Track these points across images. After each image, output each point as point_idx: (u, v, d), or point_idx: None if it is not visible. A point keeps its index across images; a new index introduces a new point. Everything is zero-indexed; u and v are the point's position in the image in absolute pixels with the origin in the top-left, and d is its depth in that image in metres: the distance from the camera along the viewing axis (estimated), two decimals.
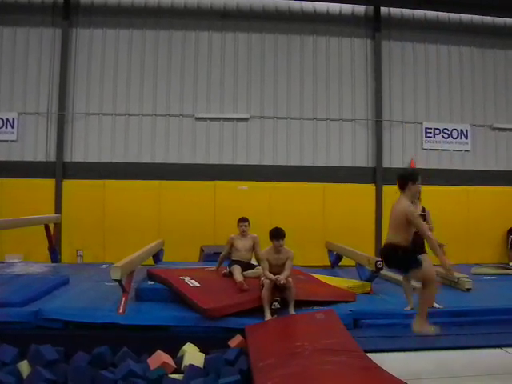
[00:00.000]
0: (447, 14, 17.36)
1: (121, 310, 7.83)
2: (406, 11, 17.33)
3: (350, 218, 15.82)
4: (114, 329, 7.59)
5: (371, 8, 17.13)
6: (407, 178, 6.79)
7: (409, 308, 8.29)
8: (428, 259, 8.33)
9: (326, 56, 17.06)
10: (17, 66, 16.45)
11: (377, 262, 9.23)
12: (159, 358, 6.87)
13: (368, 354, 6.11)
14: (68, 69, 16.39)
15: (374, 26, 17.05)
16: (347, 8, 17.18)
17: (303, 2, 16.98)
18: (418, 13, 17.34)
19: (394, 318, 8.04)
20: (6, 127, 16.20)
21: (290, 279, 8.01)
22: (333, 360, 5.88)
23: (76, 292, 9.34)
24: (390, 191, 15.55)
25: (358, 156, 16.93)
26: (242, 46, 16.90)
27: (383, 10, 17.14)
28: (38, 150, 16.23)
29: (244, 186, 15.94)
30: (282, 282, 7.90)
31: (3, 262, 13.78)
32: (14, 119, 16.22)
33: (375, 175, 16.69)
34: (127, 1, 16.80)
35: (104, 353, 6.99)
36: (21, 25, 16.51)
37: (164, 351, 7.01)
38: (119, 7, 16.81)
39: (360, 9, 17.24)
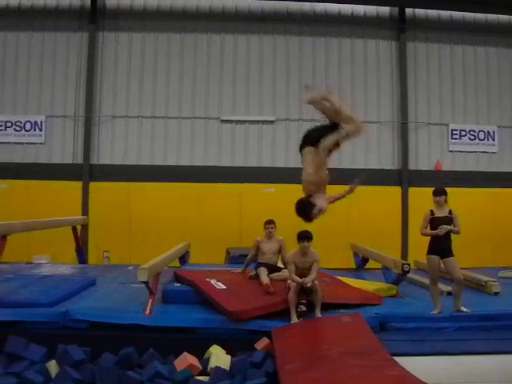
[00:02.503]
0: (473, 14, 17.17)
1: (147, 312, 7.87)
2: (431, 12, 17.17)
3: (376, 220, 15.69)
4: (141, 330, 7.64)
5: (396, 9, 17.00)
6: None
7: (436, 312, 8.23)
8: (455, 262, 8.29)
9: (351, 58, 16.98)
10: (45, 69, 16.63)
11: (403, 264, 9.18)
12: (185, 360, 6.89)
13: (394, 358, 6.07)
14: (95, 72, 16.53)
15: (399, 28, 16.91)
16: (372, 9, 17.08)
17: (328, 4, 16.95)
18: (444, 13, 17.16)
19: (420, 321, 7.99)
20: (35, 130, 16.39)
21: (316, 282, 7.99)
22: (359, 363, 5.87)
23: (103, 293, 9.42)
24: (416, 193, 15.63)
25: (384, 158, 16.81)
26: (266, 48, 16.89)
27: (408, 10, 17.00)
28: (66, 152, 16.39)
29: (270, 188, 15.93)
30: (308, 285, 7.89)
31: (31, 263, 13.93)
32: (41, 122, 16.40)
33: (401, 177, 16.56)
34: (152, 4, 16.90)
35: (131, 354, 7.04)
36: (48, 30, 16.69)
37: (190, 353, 7.03)
38: (145, 11, 16.92)
39: (385, 10, 17.13)
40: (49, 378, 6.53)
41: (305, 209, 6.79)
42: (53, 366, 6.69)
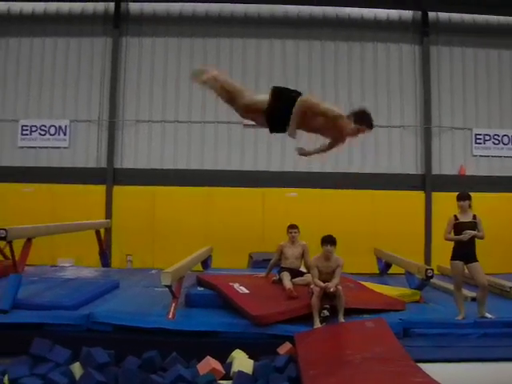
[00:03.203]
0: (496, 17, 17.05)
1: (170, 315, 7.89)
2: (455, 15, 17.09)
3: (399, 225, 15.62)
4: (164, 334, 7.66)
5: (419, 13, 16.95)
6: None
7: (460, 317, 8.17)
8: (480, 267, 8.22)
9: (374, 62, 16.94)
10: (69, 74, 16.82)
11: (427, 270, 9.12)
12: (208, 364, 6.90)
13: (418, 364, 6.03)
14: (118, 77, 16.68)
15: (422, 31, 16.84)
16: (394, 14, 17.05)
17: (351, 8, 16.94)
18: (467, 17, 17.07)
19: (444, 327, 7.92)
20: (59, 134, 16.56)
21: (339, 287, 7.97)
22: (383, 369, 5.84)
23: (126, 296, 9.46)
24: (439, 198, 15.53)
25: (407, 163, 16.73)
26: (289, 52, 16.91)
27: (431, 14, 16.94)
28: (89, 156, 16.54)
29: (293, 192, 15.92)
30: (331, 290, 7.86)
31: (55, 266, 14.05)
32: (66, 126, 16.57)
33: (424, 182, 16.47)
34: (175, 9, 17.01)
35: (154, 357, 7.06)
36: (73, 35, 16.88)
37: (213, 357, 7.04)
38: (168, 16, 17.03)
39: (407, 14, 17.08)
40: (73, 379, 6.58)
41: None
42: (77, 368, 6.74)
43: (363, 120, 6.30)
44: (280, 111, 6.20)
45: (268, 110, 6.23)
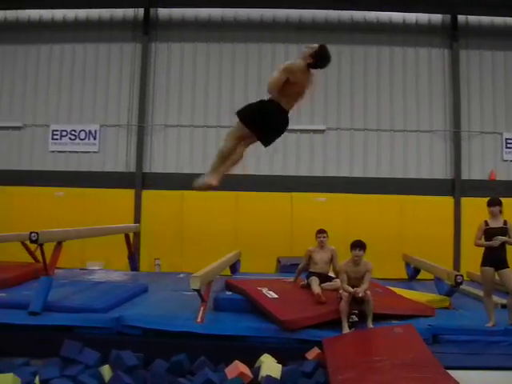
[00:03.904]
0: None
1: (199, 319, 7.91)
2: (485, 19, 16.91)
3: (428, 230, 15.47)
4: (192, 337, 7.69)
5: (448, 17, 16.82)
6: None
7: (490, 324, 8.06)
8: (510, 273, 8.12)
9: (403, 66, 16.85)
10: (99, 79, 17.01)
11: (456, 276, 9.03)
12: (236, 368, 6.89)
13: (448, 371, 5.97)
14: (147, 82, 16.82)
15: (452, 35, 16.70)
16: (423, 17, 16.94)
17: (379, 12, 16.87)
18: (497, 20, 16.89)
19: (474, 334, 7.82)
20: (89, 139, 16.73)
21: (368, 292, 7.92)
22: (412, 376, 5.79)
23: (155, 300, 9.50)
24: (469, 203, 15.38)
25: (436, 168, 16.60)
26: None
27: (460, 18, 16.80)
28: (119, 160, 16.69)
29: (321, 197, 15.89)
30: (360, 295, 7.82)
31: (85, 269, 14.17)
32: (96, 131, 16.74)
33: (453, 187, 16.32)
34: (204, 15, 17.10)
35: (182, 361, 7.08)
36: (103, 41, 17.09)
37: (241, 361, 7.03)
38: (196, 21, 17.13)
39: (437, 18, 16.95)
40: (102, 382, 6.63)
41: None
42: (106, 371, 6.79)
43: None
44: (261, 120, 6.02)
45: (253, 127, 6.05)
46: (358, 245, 8.27)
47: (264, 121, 6.01)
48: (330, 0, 16.53)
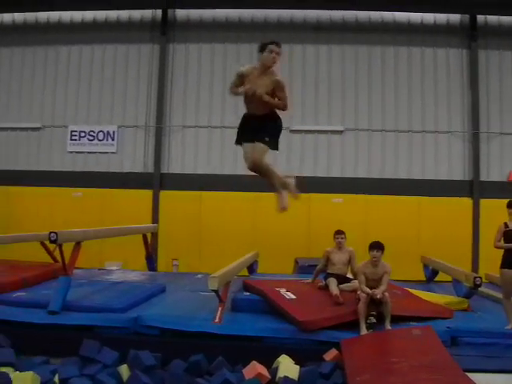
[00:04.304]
0: None
1: (217, 320, 7.91)
2: (504, 18, 16.77)
3: (446, 232, 15.40)
4: (210, 338, 7.69)
5: (467, 17, 16.70)
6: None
7: (510, 327, 7.99)
8: None
9: (421, 67, 16.77)
10: (117, 80, 17.11)
11: (475, 278, 8.96)
12: (254, 369, 6.89)
13: (466, 374, 5.92)
14: (165, 83, 16.89)
15: (470, 35, 16.59)
16: (442, 18, 16.85)
17: (396, 12, 16.79)
18: None
19: (493, 336, 7.74)
20: (107, 139, 16.83)
21: (386, 294, 7.88)
22: (431, 378, 5.77)
23: (172, 300, 9.51)
24: (488, 205, 15.27)
25: (454, 169, 16.51)
26: (335, 58, 16.87)
27: (479, 18, 16.67)
28: (137, 161, 16.78)
29: (339, 198, 15.86)
30: (378, 297, 7.78)
31: (103, 269, 14.23)
32: (114, 132, 16.84)
33: (472, 188, 16.21)
34: (222, 16, 17.13)
35: (200, 361, 7.09)
36: (121, 42, 17.19)
37: (259, 362, 7.03)
38: (214, 22, 17.18)
39: (455, 18, 16.85)
40: (120, 381, 6.67)
41: None
42: (124, 370, 6.83)
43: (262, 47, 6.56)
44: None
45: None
46: (376, 246, 8.23)
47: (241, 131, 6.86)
48: (348, 1, 16.50)
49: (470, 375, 5.89)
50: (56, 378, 6.48)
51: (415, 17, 16.84)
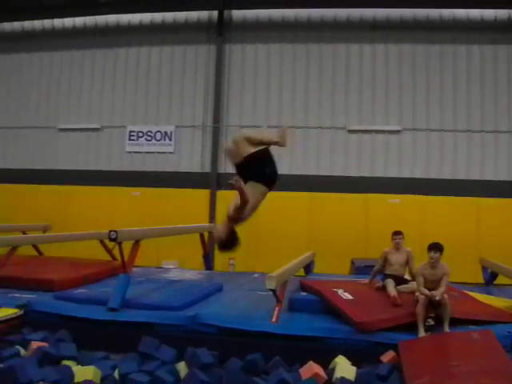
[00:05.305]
0: None
1: (274, 319, 7.91)
2: None
3: (506, 233, 15.06)
4: (267, 337, 7.69)
5: None
6: None
7: None
8: None
9: (480, 65, 16.46)
10: (174, 81, 17.34)
11: None
12: (311, 369, 6.85)
13: None
14: (222, 83, 17.01)
15: None
16: (489, 14, 16.48)
17: (456, 10, 16.49)
18: None
19: None
20: (165, 140, 17.05)
21: (445, 296, 7.75)
22: (491, 383, 5.64)
23: (230, 299, 9.54)
24: None
25: (503, 169, 16.16)
26: (392, 57, 16.70)
27: None
28: (194, 161, 16.95)
29: (396, 198, 15.70)
30: (437, 299, 7.66)
31: (160, 268, 14.40)
32: (171, 132, 17.04)
33: None
34: (278, 16, 17.16)
35: (257, 360, 7.09)
36: (178, 43, 17.42)
37: (315, 362, 6.99)
38: (270, 22, 17.22)
39: (504, 14, 16.43)
40: (178, 378, 6.71)
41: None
42: (182, 367, 6.87)
43: None
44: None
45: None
46: (435, 247, 8.09)
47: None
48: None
49: None
50: (116, 373, 6.59)
51: (475, 14, 16.51)
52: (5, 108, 18.64)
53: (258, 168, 6.81)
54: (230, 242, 6.96)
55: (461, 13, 16.53)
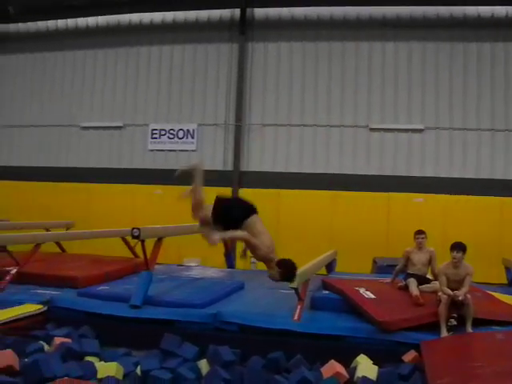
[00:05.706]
0: None
1: (296, 318, 7.91)
2: None
3: None
4: (289, 335, 7.69)
5: None
6: None
7: None
8: None
9: (505, 63, 16.26)
10: (197, 79, 17.39)
11: None
12: (332, 368, 6.84)
13: None
14: (244, 81, 17.02)
15: None
16: None
17: (480, 7, 16.30)
18: None
19: None
20: (187, 138, 17.11)
21: (468, 296, 7.69)
22: None
23: (251, 297, 9.56)
24: None
25: None
26: (415, 55, 16.59)
27: None
28: (216, 159, 16.96)
29: (419, 198, 15.60)
30: (460, 298, 7.60)
31: (182, 265, 14.45)
32: (194, 130, 17.09)
33: None
34: (300, 14, 17.13)
35: (279, 358, 7.10)
36: (200, 41, 17.47)
37: (337, 361, 6.98)
38: (292, 20, 17.21)
39: None
40: (200, 375, 6.73)
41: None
42: (204, 365, 6.90)
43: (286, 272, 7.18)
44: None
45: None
46: (458, 246, 8.03)
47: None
48: None
49: None
50: (138, 370, 6.62)
51: (500, 10, 16.31)
52: (29, 106, 18.83)
53: (228, 216, 7.16)
54: (289, 274, 7.23)
55: (493, 10, 16.31)
